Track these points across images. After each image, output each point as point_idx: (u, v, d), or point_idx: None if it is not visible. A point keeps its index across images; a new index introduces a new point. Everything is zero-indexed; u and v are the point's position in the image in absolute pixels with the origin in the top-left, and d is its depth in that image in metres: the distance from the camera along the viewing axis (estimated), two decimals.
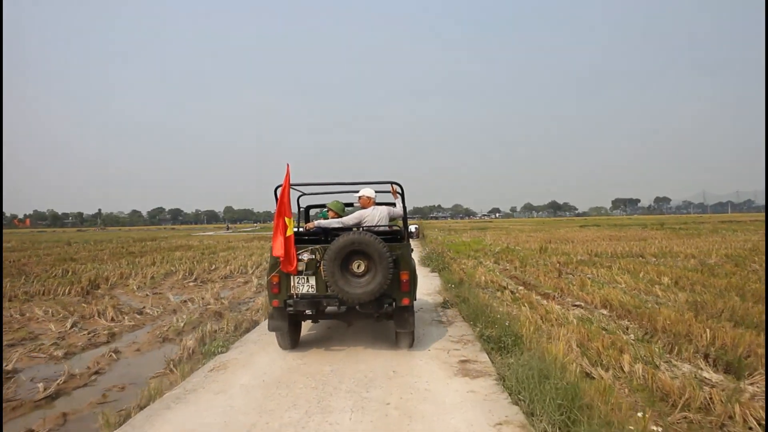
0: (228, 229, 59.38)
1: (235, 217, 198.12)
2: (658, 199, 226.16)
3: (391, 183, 4.81)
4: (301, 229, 5.02)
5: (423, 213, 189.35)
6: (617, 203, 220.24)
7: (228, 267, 12.75)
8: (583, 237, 23.26)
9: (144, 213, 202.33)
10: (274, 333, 4.64)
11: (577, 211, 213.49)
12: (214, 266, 13.35)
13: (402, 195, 4.93)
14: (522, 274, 10.23)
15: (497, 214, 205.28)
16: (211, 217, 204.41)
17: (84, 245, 25.44)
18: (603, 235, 25.38)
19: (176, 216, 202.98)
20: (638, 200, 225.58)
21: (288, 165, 4.10)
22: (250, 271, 12.32)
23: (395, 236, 4.91)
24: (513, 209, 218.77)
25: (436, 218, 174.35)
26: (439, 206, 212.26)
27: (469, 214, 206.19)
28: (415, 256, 13.80)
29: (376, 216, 4.86)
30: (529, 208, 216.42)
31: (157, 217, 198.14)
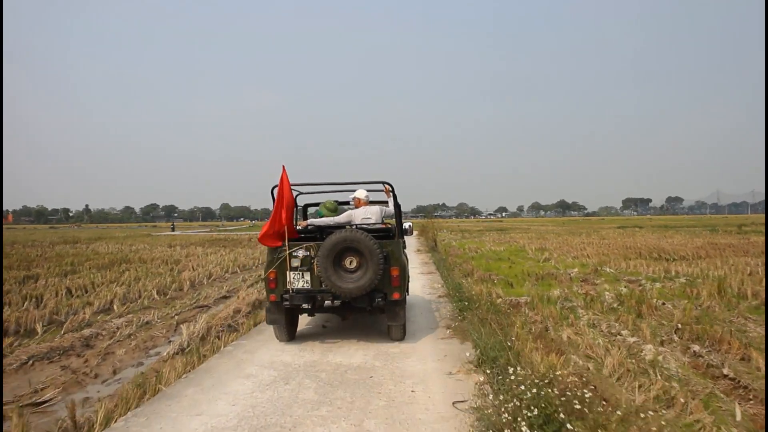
0: (173, 229, 50.92)
1: (232, 214, 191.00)
2: (670, 199, 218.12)
3: (383, 182, 4.89)
4: (297, 227, 4.94)
5: (427, 212, 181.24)
6: (628, 203, 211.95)
7: None
8: (674, 247, 14.98)
9: (137, 209, 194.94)
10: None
11: (586, 211, 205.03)
12: None
13: (393, 193, 4.99)
14: None
15: (504, 214, 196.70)
16: (206, 215, 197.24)
17: None
18: (694, 244, 17.01)
19: (170, 213, 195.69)
20: (650, 200, 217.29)
21: (284, 166, 4.40)
22: None
23: (386, 233, 4.80)
24: (520, 208, 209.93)
25: (441, 217, 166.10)
26: (443, 204, 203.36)
27: (474, 213, 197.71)
28: (426, 309, 5.83)
29: (363, 214, 4.95)
30: (536, 208, 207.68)
31: (150, 213, 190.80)
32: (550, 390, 2.68)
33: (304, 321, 5.68)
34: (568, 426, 2.35)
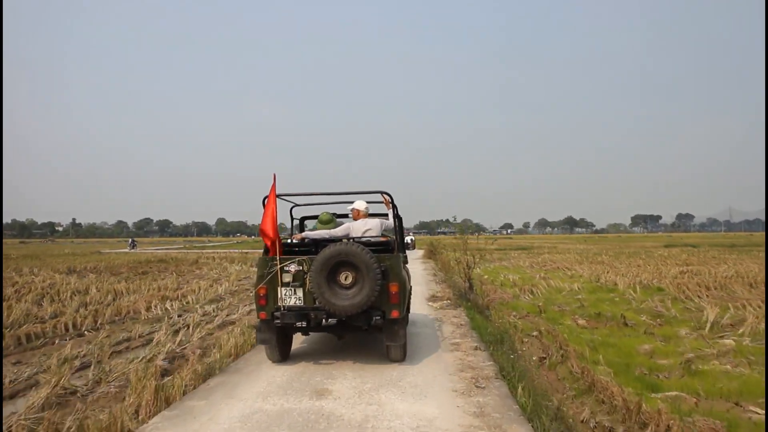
0: (133, 247, 41.79)
1: (227, 229, 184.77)
2: (680, 216, 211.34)
3: (381, 192, 4.70)
4: (292, 240, 4.74)
5: (430, 228, 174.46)
6: (637, 219, 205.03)
7: None
8: None
9: (130, 224, 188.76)
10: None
11: (594, 228, 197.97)
12: None
13: (393, 204, 4.80)
14: None
15: (509, 230, 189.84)
16: (202, 230, 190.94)
17: None
18: None
19: (164, 228, 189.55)
20: (659, 216, 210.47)
21: (274, 174, 4.29)
22: None
23: (385, 247, 4.56)
24: (526, 225, 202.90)
25: (445, 234, 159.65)
26: (447, 221, 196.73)
27: (479, 229, 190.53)
28: None
29: (363, 227, 4.74)
30: (543, 224, 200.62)
31: (144, 228, 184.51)
32: None
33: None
34: None
